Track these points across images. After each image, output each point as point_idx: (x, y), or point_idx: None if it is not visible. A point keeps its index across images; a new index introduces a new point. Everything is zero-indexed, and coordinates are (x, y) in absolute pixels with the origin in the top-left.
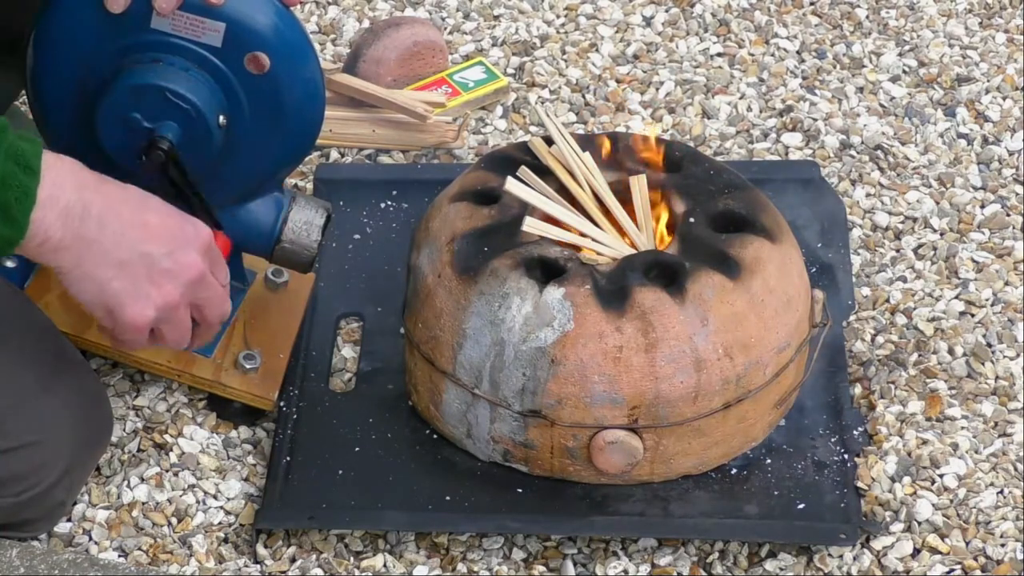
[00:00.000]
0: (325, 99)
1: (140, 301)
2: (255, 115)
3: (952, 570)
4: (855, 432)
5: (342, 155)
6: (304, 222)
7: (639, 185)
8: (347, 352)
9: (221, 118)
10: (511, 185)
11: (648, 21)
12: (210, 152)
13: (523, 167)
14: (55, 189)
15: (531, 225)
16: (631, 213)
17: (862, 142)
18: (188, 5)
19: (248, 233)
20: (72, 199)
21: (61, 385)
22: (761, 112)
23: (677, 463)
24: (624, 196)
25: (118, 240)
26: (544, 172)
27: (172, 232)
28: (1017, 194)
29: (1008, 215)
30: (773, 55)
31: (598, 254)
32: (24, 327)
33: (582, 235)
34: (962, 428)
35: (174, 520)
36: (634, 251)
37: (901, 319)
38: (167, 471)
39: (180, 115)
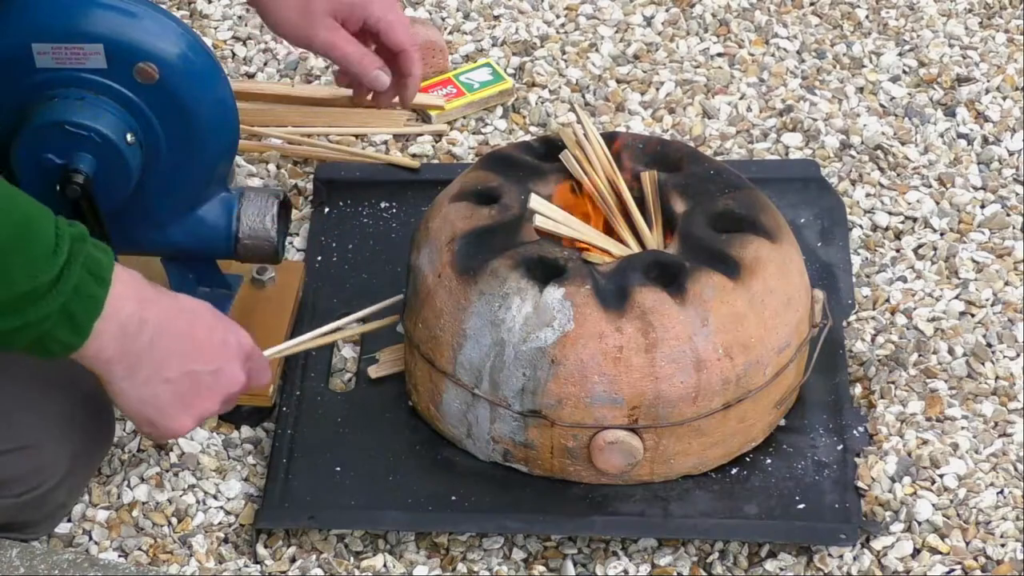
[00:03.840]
0: (230, 86)
1: (182, 415)
2: (166, 124)
3: (952, 570)
4: (855, 432)
5: None
6: (257, 214)
7: (650, 182)
8: (347, 352)
9: (129, 136)
10: (535, 203)
11: (648, 21)
12: (130, 171)
13: (565, 152)
14: (118, 301)
15: (540, 221)
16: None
17: (862, 142)
18: (62, 35)
19: (206, 239)
20: (131, 312)
21: (63, 386)
22: (761, 112)
23: (677, 463)
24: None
25: (167, 357)
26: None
27: (216, 348)
28: (1017, 194)
29: (1008, 215)
30: (773, 55)
31: (606, 252)
32: None
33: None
34: (962, 428)
35: (174, 520)
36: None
37: (901, 319)
38: (167, 471)
39: (87, 144)
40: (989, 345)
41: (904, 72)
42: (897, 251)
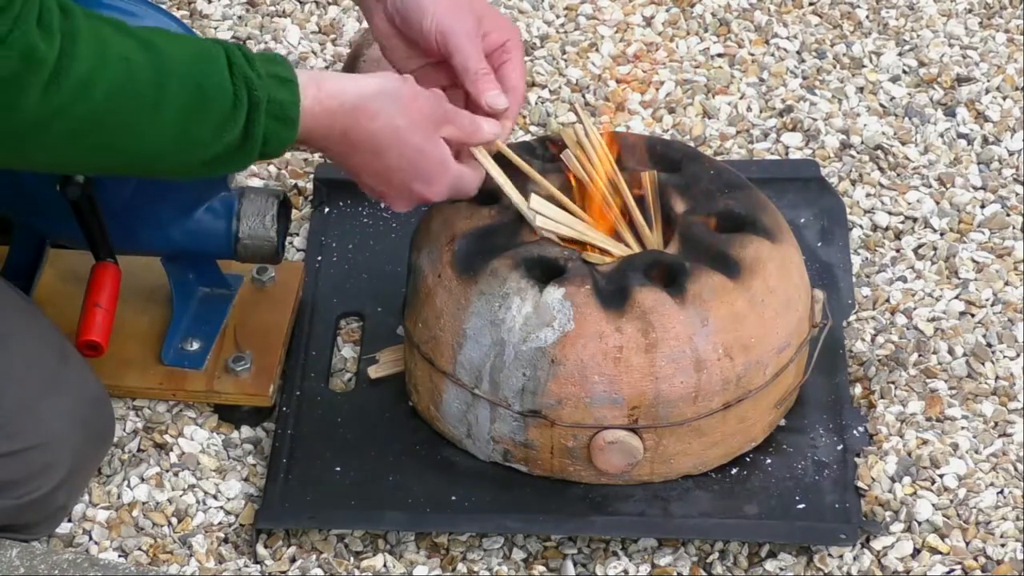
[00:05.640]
0: None
1: (398, 203)
2: None
3: (952, 570)
4: (855, 432)
5: None
6: (257, 214)
7: (650, 182)
8: (347, 352)
9: None
10: (536, 203)
11: (648, 21)
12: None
13: (567, 152)
14: (304, 134)
15: (541, 221)
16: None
17: (862, 142)
18: None
19: (206, 240)
20: (319, 144)
21: (64, 388)
22: (761, 112)
23: (677, 463)
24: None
25: (359, 168)
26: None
27: (417, 167)
28: (1017, 194)
29: (1008, 215)
30: (773, 55)
31: (605, 252)
32: (27, 329)
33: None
34: (962, 428)
35: (174, 520)
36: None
37: (901, 319)
38: (167, 471)
39: None
40: (989, 345)
41: (904, 72)
42: (897, 251)
